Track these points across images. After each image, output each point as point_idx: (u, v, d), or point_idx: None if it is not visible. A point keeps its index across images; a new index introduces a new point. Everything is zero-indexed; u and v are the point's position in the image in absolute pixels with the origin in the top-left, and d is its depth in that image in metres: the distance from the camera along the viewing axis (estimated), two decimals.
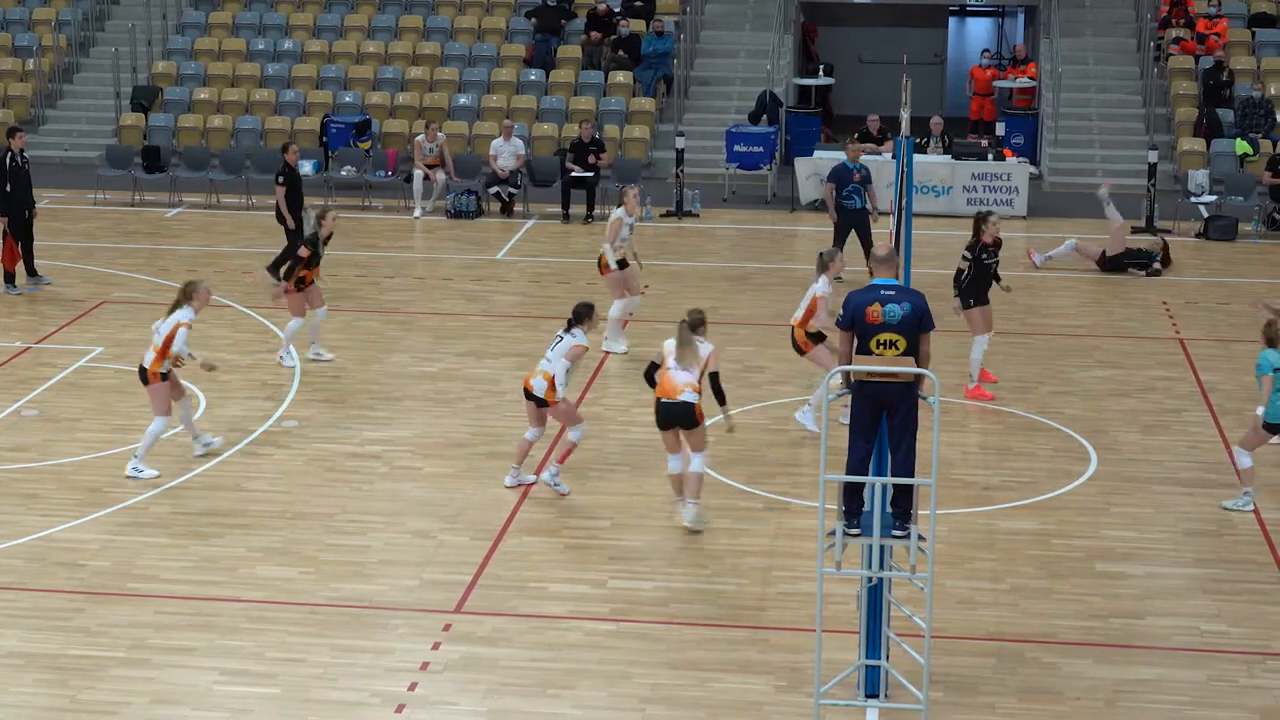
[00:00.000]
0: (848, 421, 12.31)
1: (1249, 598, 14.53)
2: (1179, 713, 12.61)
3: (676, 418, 15.57)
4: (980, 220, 19.49)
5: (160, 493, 16.62)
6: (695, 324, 15.91)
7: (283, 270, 21.10)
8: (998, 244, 19.59)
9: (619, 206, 21.45)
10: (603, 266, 21.25)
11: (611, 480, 17.11)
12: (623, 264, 21.19)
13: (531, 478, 16.92)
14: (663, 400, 15.64)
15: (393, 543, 15.56)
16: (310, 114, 32.68)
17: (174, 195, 30.17)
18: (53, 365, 20.58)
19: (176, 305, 17.15)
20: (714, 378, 15.72)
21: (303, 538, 15.60)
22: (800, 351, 18.37)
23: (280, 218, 24.15)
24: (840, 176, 24.69)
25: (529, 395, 16.50)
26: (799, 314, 18.15)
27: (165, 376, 17.01)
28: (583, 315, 16.60)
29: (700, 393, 15.60)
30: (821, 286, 18.00)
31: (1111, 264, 25.17)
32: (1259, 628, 13.99)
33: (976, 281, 19.46)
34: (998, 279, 19.78)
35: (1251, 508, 16.22)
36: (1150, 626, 14.01)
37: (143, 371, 17.07)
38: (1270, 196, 28.11)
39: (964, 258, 19.47)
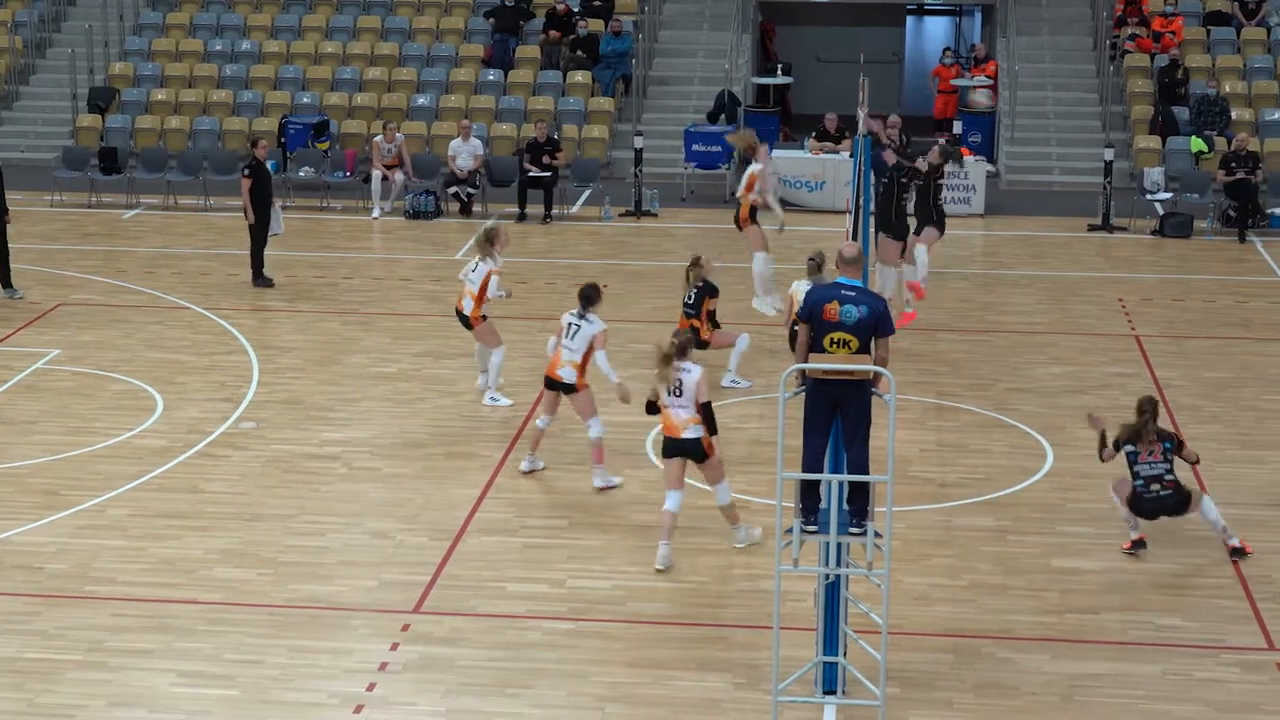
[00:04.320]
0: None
1: (1203, 593, 14.63)
2: (1134, 707, 12.69)
3: (687, 453, 15.00)
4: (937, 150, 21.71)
5: (117, 495, 16.58)
6: (680, 350, 15.06)
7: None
8: (941, 168, 21.45)
9: (752, 161, 22.21)
10: (741, 220, 21.71)
11: (570, 479, 17.13)
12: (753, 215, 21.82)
13: (542, 463, 17.20)
14: (669, 438, 15.11)
15: (351, 543, 15.55)
16: (268, 115, 32.61)
17: (131, 197, 30.07)
18: (9, 368, 20.50)
19: (482, 255, 18.71)
20: (705, 408, 14.98)
21: (261, 539, 15.58)
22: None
23: (245, 211, 24.08)
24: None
25: (554, 384, 16.78)
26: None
27: (486, 318, 18.80)
28: (591, 298, 16.71)
29: (706, 425, 15.04)
30: (800, 285, 18.50)
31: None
32: (1213, 622, 14.08)
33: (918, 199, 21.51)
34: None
35: None
36: (1106, 621, 14.10)
37: (465, 318, 18.79)
38: (1225, 194, 28.28)
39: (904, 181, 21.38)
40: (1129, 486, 15.31)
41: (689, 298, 19.51)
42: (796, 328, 17.97)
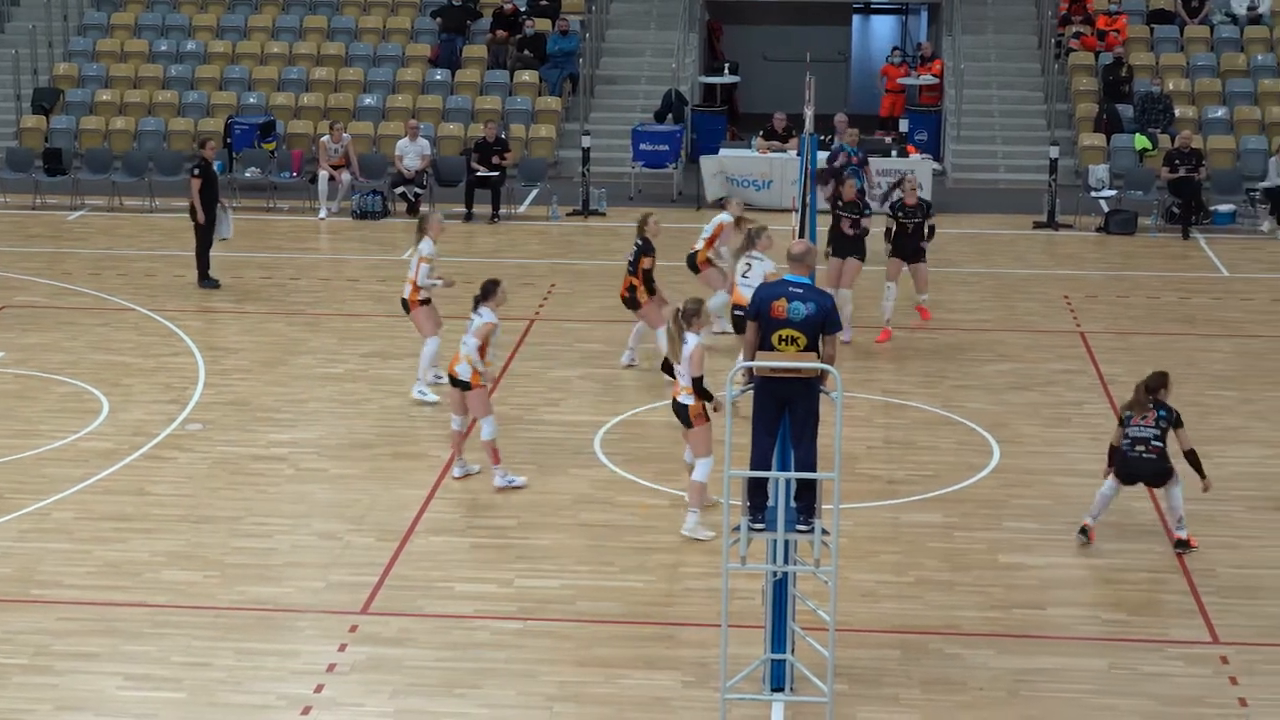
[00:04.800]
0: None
1: (1148, 587, 14.73)
2: (1080, 701, 12.76)
3: (678, 416, 15.64)
4: (900, 180, 22.60)
5: (63, 498, 16.49)
6: (688, 316, 15.46)
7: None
8: (919, 206, 21.67)
9: (724, 209, 21.69)
10: (700, 264, 21.36)
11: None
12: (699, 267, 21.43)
13: (476, 467, 17.02)
14: (673, 399, 15.73)
15: (299, 545, 15.51)
16: (214, 115, 32.47)
17: (76, 198, 29.89)
18: None
19: (416, 243, 19.21)
20: (695, 382, 15.31)
21: (207, 541, 15.52)
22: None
23: (192, 211, 23.99)
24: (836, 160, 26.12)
25: (454, 381, 16.60)
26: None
27: (425, 303, 19.12)
28: (489, 292, 16.61)
29: (698, 394, 15.45)
30: (767, 264, 18.77)
31: None
32: (1158, 616, 14.18)
33: (897, 238, 21.74)
34: (924, 239, 21.73)
35: None
36: (1052, 616, 14.18)
37: (405, 302, 19.13)
38: (1169, 191, 28.45)
39: (887, 214, 21.87)
40: (1120, 454, 15.44)
41: (630, 255, 19.97)
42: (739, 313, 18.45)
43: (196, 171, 24.09)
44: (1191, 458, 15.35)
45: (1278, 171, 28.40)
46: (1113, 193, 29.19)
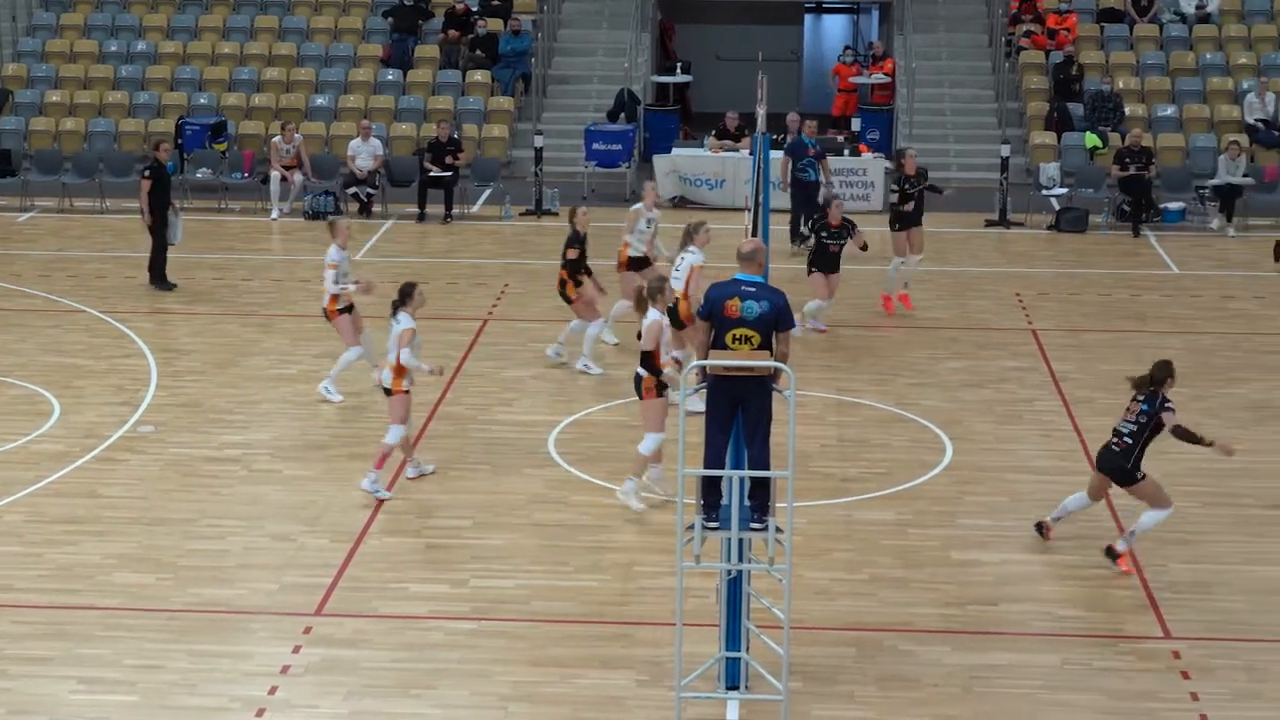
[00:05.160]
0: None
1: (1100, 583, 14.80)
2: (1034, 697, 12.82)
3: (635, 386, 16.11)
4: (899, 155, 23.48)
5: (14, 501, 16.40)
6: (651, 293, 16.02)
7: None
8: (920, 174, 22.86)
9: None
10: (620, 262, 21.13)
11: (472, 479, 17.10)
12: (644, 261, 20.94)
13: (431, 467, 17.01)
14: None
15: (252, 546, 15.46)
16: (164, 116, 32.30)
17: (25, 199, 29.70)
18: None
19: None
20: (643, 355, 15.94)
21: (160, 543, 15.46)
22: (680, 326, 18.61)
23: (142, 213, 23.89)
24: (796, 151, 26.55)
25: (382, 387, 16.62)
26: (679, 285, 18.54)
27: (344, 311, 19.05)
28: (406, 296, 16.51)
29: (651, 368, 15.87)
30: (698, 257, 18.68)
31: None
32: (1111, 612, 14.26)
33: (901, 204, 22.80)
34: (922, 198, 23.04)
35: None
36: (1005, 613, 14.24)
37: (324, 311, 19.10)
38: (1119, 189, 28.59)
39: (892, 189, 23.12)
40: None
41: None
42: (694, 313, 18.34)
43: (147, 173, 23.98)
44: (1179, 433, 14.91)
45: (1227, 169, 28.57)
46: (1064, 191, 29.33)
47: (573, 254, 20.18)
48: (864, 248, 22.12)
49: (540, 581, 14.77)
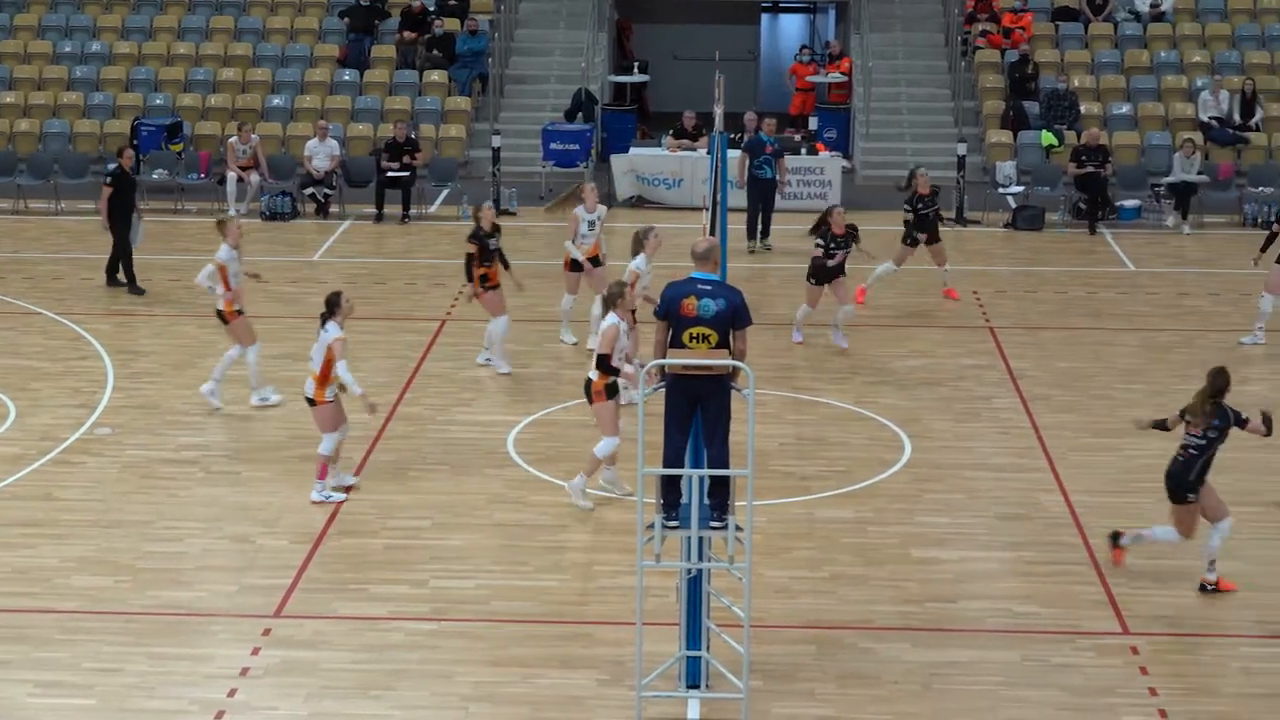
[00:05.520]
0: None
1: (1059, 579, 14.86)
2: (993, 693, 12.87)
3: (585, 390, 16.08)
4: (912, 174, 23.50)
5: None
6: (611, 298, 16.03)
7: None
8: (933, 193, 22.93)
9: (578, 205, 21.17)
10: (567, 264, 21.13)
11: (431, 480, 17.08)
12: (594, 261, 20.96)
13: (351, 479, 16.79)
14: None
15: (210, 548, 15.41)
16: (120, 117, 32.16)
17: None
18: None
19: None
20: (599, 359, 15.87)
21: (118, 546, 15.39)
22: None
23: (103, 219, 23.81)
24: (753, 149, 26.54)
25: (306, 397, 16.33)
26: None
27: (240, 312, 18.79)
28: (334, 305, 16.32)
29: (602, 371, 15.79)
30: (638, 264, 18.60)
31: None
32: (1069, 608, 14.31)
33: (917, 227, 23.01)
34: (940, 221, 23.41)
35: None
36: (964, 610, 14.29)
37: (219, 313, 18.78)
38: (1075, 187, 28.71)
39: (905, 209, 23.11)
40: None
41: None
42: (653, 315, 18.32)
43: (109, 180, 23.90)
44: (1268, 422, 14.78)
45: (1182, 167, 28.71)
46: (1020, 189, 29.44)
47: (471, 248, 20.08)
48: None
49: (500, 581, 14.75)
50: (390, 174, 28.76)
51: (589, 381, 16.02)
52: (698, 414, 12.24)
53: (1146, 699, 12.81)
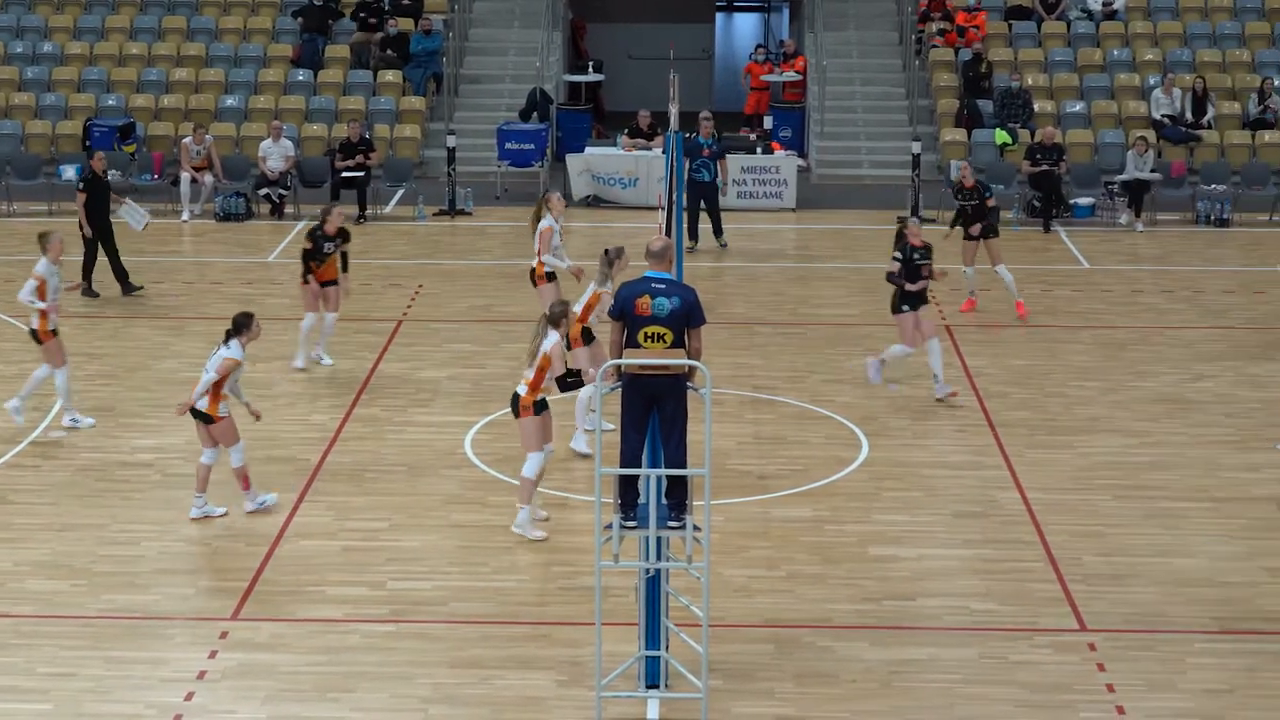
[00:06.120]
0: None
1: (1016, 576, 14.91)
2: (951, 690, 12.89)
3: (511, 405, 15.65)
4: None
5: None
6: (554, 318, 15.53)
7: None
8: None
9: (543, 215, 20.12)
10: (537, 278, 20.03)
11: (389, 481, 17.03)
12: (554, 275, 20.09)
13: (219, 509, 16.14)
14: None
15: (166, 551, 15.34)
16: (72, 117, 31.98)
17: None
18: None
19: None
20: (558, 381, 15.40)
21: (73, 549, 15.30)
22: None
23: (80, 225, 23.68)
24: (691, 151, 26.04)
25: (195, 414, 15.87)
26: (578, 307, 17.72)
27: (54, 333, 18.14)
28: (242, 326, 15.85)
29: (533, 387, 15.40)
30: (600, 284, 17.81)
31: None
32: (1027, 605, 14.36)
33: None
34: (984, 214, 22.65)
35: None
36: (922, 607, 14.32)
37: (33, 332, 18.18)
38: (1029, 185, 28.81)
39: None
40: None
41: None
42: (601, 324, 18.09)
43: (81, 185, 23.80)
44: None
45: (1135, 164, 28.84)
46: None
47: (308, 245, 20.21)
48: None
49: (458, 583, 14.72)
50: (345, 174, 28.67)
51: (516, 396, 15.56)
52: (654, 414, 12.23)
53: (1104, 695, 12.85)
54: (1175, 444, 18.20)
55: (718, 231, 26.77)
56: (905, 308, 19.29)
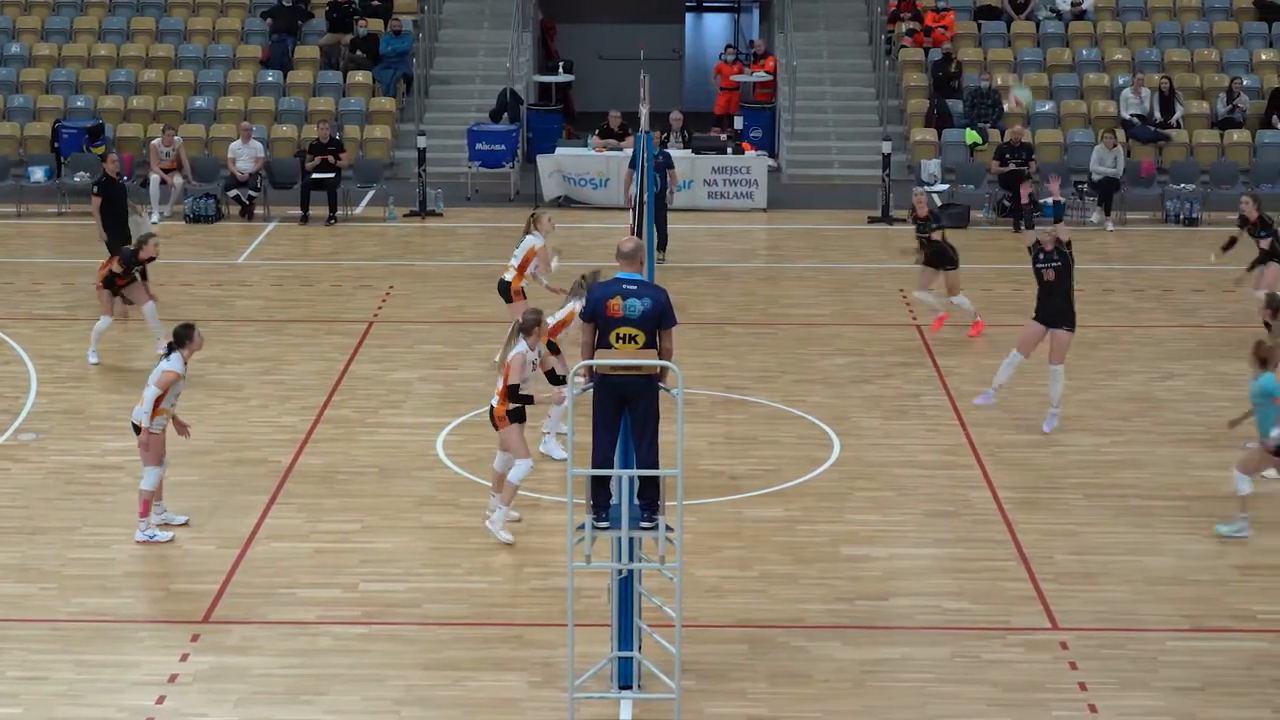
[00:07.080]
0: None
1: (988, 575, 14.93)
2: (924, 689, 12.91)
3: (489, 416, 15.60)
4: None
5: None
6: (525, 327, 15.37)
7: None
8: (930, 216, 22.08)
9: (531, 232, 19.91)
10: (513, 293, 19.81)
11: (361, 483, 17.00)
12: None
13: (181, 518, 15.93)
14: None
15: (137, 554, 15.28)
16: (41, 119, 31.83)
17: None
18: None
19: None
20: (511, 389, 15.23)
21: (43, 553, 15.24)
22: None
23: (99, 229, 23.59)
24: (637, 162, 25.22)
25: (134, 427, 15.61)
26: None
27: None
28: (184, 338, 15.59)
29: (504, 397, 15.31)
30: (575, 304, 17.47)
31: None
32: (999, 604, 14.39)
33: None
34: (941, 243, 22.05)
35: (1247, 534, 15.75)
36: (894, 607, 14.33)
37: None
38: (999, 184, 28.87)
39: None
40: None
41: None
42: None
43: (96, 189, 23.69)
44: None
45: (1101, 159, 28.90)
46: (945, 187, 29.57)
47: (117, 268, 20.40)
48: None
49: (431, 584, 14.70)
50: (315, 175, 28.61)
51: (491, 408, 15.52)
52: (626, 415, 12.22)
53: (1077, 694, 12.88)
54: (1146, 442, 18.26)
55: (661, 244, 26.14)
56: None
